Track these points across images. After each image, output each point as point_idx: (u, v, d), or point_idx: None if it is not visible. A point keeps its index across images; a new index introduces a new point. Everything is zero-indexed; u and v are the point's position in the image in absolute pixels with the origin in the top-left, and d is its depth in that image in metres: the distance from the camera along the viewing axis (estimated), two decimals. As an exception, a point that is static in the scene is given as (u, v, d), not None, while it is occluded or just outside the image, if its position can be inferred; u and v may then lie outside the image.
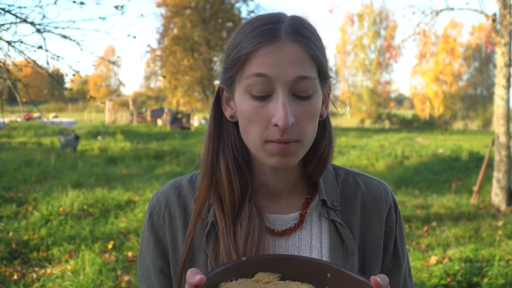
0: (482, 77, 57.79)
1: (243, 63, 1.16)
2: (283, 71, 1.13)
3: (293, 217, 1.31)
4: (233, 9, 39.75)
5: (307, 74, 1.14)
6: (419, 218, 9.42)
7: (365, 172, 1.69)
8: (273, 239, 1.28)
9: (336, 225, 1.29)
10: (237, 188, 1.24)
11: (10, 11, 6.01)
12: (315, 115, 1.19)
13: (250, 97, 1.16)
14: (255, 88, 1.15)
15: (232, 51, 1.20)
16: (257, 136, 1.17)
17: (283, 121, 1.10)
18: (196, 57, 39.48)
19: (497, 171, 10.69)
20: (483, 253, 6.91)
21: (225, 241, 1.22)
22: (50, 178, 13.08)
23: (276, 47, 1.13)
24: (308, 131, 1.18)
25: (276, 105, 1.13)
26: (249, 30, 1.18)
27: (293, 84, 1.13)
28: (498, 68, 10.66)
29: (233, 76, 1.20)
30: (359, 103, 61.67)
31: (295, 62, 1.13)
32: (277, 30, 1.15)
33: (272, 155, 1.17)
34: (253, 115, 1.16)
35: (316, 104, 1.19)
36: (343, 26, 59.18)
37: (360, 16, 52.34)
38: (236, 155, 1.27)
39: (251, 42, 1.15)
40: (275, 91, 1.14)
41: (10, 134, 26.51)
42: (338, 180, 1.39)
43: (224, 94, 1.28)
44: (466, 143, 25.35)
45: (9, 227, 7.77)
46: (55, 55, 6.72)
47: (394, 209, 1.41)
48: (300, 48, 1.14)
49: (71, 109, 73.80)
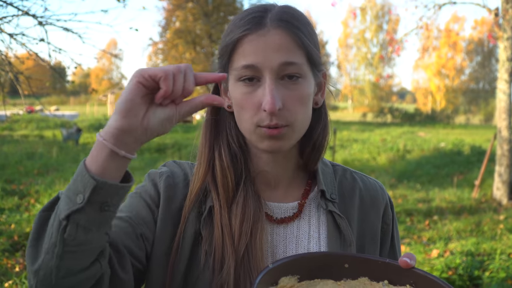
0: (484, 71, 57.69)
1: (231, 52, 1.20)
2: (268, 57, 1.16)
3: (292, 206, 1.33)
4: (235, 2, 39.60)
5: (292, 59, 1.17)
6: (421, 211, 9.42)
7: (367, 166, 1.71)
8: (271, 226, 1.30)
9: (334, 216, 1.31)
10: (230, 174, 1.27)
11: (12, 4, 6.01)
12: (305, 99, 1.21)
13: (241, 85, 1.20)
14: (244, 76, 1.18)
15: (223, 40, 1.24)
16: (248, 121, 1.20)
17: (269, 106, 1.14)
18: (198, 50, 39.38)
19: (499, 165, 10.69)
20: (485, 246, 6.92)
21: (219, 223, 1.24)
22: (52, 171, 13.09)
23: (260, 34, 1.17)
24: (298, 115, 1.20)
25: (264, 90, 1.16)
26: (238, 19, 1.22)
27: (280, 69, 1.16)
28: (500, 62, 10.64)
29: (225, 66, 1.24)
30: (361, 97, 61.61)
31: (280, 48, 1.16)
32: (262, 18, 1.19)
33: (263, 139, 1.20)
34: (244, 101, 1.20)
35: (305, 89, 1.21)
36: (346, 20, 59.04)
37: (362, 10, 52.19)
38: (231, 142, 1.30)
39: (238, 31, 1.19)
40: (262, 77, 1.17)
41: (12, 127, 26.54)
42: (336, 176, 1.41)
43: (222, 85, 1.32)
44: (468, 137, 25.31)
45: (11, 220, 7.78)
46: (57, 48, 6.73)
47: (390, 207, 1.44)
48: (285, 34, 1.17)
49: (73, 102, 73.79)
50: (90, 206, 0.93)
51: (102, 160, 0.94)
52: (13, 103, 9.11)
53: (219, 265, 1.20)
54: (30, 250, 1.00)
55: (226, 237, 1.22)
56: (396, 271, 1.04)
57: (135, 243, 1.21)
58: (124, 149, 0.95)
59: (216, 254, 1.21)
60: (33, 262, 0.98)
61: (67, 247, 0.95)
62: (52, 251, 0.95)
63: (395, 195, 10.85)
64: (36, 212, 8.10)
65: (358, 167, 15.83)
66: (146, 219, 1.26)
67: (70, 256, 0.96)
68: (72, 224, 0.94)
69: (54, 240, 0.95)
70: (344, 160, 16.87)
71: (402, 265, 1.03)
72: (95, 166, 0.94)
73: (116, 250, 1.13)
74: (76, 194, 0.93)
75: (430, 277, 1.01)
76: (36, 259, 0.98)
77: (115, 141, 0.94)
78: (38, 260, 0.97)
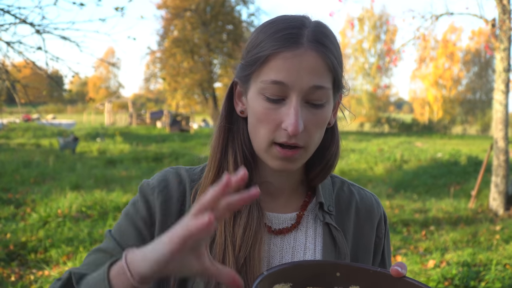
0: (481, 82, 57.84)
1: (261, 64, 1.17)
2: (300, 78, 1.14)
3: (290, 217, 1.34)
4: (234, 11, 39.66)
5: (323, 84, 1.16)
6: (418, 222, 9.42)
7: (365, 176, 1.72)
8: (269, 236, 1.30)
9: (331, 229, 1.32)
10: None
11: (9, 12, 6.01)
12: (325, 123, 1.22)
13: (264, 99, 1.17)
14: (270, 91, 1.16)
15: (253, 49, 1.21)
16: (265, 136, 1.19)
17: (293, 127, 1.12)
18: (196, 59, 39.38)
19: (495, 175, 10.70)
20: (481, 257, 6.91)
21: (223, 231, 1.23)
22: (49, 179, 13.07)
23: (296, 54, 1.14)
24: (315, 139, 1.21)
25: (289, 111, 1.14)
26: (272, 31, 1.18)
27: (308, 92, 1.15)
28: (497, 73, 10.67)
29: (249, 75, 1.21)
30: (358, 107, 61.67)
31: (313, 71, 1.14)
32: (299, 36, 1.16)
33: (275, 158, 1.20)
34: (264, 116, 1.18)
35: (327, 113, 1.21)
36: (344, 30, 59.17)
37: (360, 20, 52.46)
38: (244, 149, 1.28)
39: (272, 45, 1.16)
40: (289, 96, 1.15)
41: (8, 135, 26.48)
42: (334, 188, 1.42)
43: (238, 88, 1.30)
44: (465, 148, 25.36)
45: (7, 229, 7.76)
46: (54, 56, 6.74)
47: (384, 220, 1.45)
48: (320, 58, 1.15)
49: (70, 111, 73.78)
50: None
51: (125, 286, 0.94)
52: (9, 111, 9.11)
53: None
54: None
55: (228, 245, 1.21)
56: (387, 280, 1.05)
57: None
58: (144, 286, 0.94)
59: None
60: None
61: None
62: None
63: (392, 205, 10.84)
64: (32, 221, 8.10)
65: (355, 177, 15.83)
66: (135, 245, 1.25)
67: None
68: None
69: None
70: (341, 170, 16.87)
71: (393, 273, 1.04)
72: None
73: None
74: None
75: (421, 285, 1.02)
76: None
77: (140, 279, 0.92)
78: None
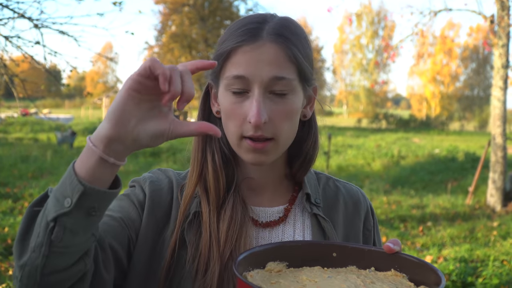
0: (479, 78, 57.86)
1: (224, 60, 1.21)
2: (259, 70, 1.17)
3: (277, 210, 1.35)
4: (232, 7, 39.64)
5: (283, 74, 1.18)
6: (415, 218, 9.44)
7: (362, 172, 1.73)
8: (257, 229, 1.32)
9: (319, 220, 1.34)
10: (222, 179, 1.28)
11: (8, 6, 6.00)
12: (292, 114, 1.23)
13: (230, 94, 1.21)
14: (233, 86, 1.19)
15: (218, 47, 1.25)
16: (234, 131, 1.22)
17: (255, 118, 1.15)
18: (194, 55, 39.36)
19: (492, 172, 10.72)
20: (478, 253, 6.93)
21: (207, 228, 1.24)
22: (47, 174, 13.07)
23: (255, 47, 1.18)
24: (283, 129, 1.22)
25: (251, 103, 1.17)
26: (234, 28, 1.23)
27: (269, 83, 1.17)
28: (495, 69, 10.69)
29: (217, 72, 1.25)
30: (356, 103, 61.66)
31: (273, 63, 1.17)
32: (259, 30, 1.20)
33: (247, 151, 1.22)
34: (231, 111, 1.21)
35: (292, 104, 1.22)
36: (342, 26, 59.15)
37: (358, 16, 52.36)
38: (223, 148, 1.30)
39: (233, 40, 1.20)
40: (251, 89, 1.18)
41: (6, 130, 26.46)
42: (319, 183, 1.44)
43: (213, 90, 1.33)
44: (462, 144, 25.37)
45: (5, 223, 7.76)
46: (52, 51, 6.72)
47: (371, 213, 1.47)
48: (279, 49, 1.18)
49: (68, 105, 73.63)
50: (77, 211, 0.94)
51: (91, 165, 0.94)
52: (7, 105, 9.09)
53: (204, 269, 1.21)
54: (17, 244, 1.01)
55: (213, 241, 1.23)
56: (382, 258, 1.08)
57: (122, 245, 1.22)
58: (113, 157, 0.94)
59: (201, 257, 1.22)
60: (20, 257, 0.99)
61: (53, 248, 0.95)
62: (38, 250, 0.96)
63: (389, 201, 10.86)
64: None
65: (352, 173, 15.85)
66: (136, 222, 1.27)
67: (56, 256, 0.97)
68: (59, 226, 0.94)
69: (41, 239, 0.95)
70: (339, 165, 16.88)
71: (386, 250, 1.07)
72: (84, 171, 0.94)
73: (102, 248, 1.13)
74: (64, 197, 0.94)
75: (414, 259, 1.05)
76: (22, 255, 0.98)
77: (105, 148, 0.93)
78: (25, 256, 0.98)
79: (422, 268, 1.02)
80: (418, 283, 1.02)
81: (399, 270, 1.06)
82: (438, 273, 0.97)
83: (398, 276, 1.05)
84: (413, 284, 1.02)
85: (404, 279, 1.04)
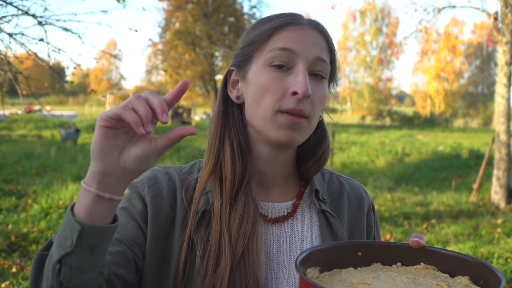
0: (483, 75, 57.79)
1: (268, 37, 1.22)
2: (306, 48, 1.21)
3: (286, 206, 1.34)
4: (235, 4, 39.60)
5: (325, 58, 1.23)
6: (419, 215, 9.42)
7: (366, 169, 1.74)
8: (265, 225, 1.30)
9: (327, 216, 1.33)
10: (239, 169, 1.25)
11: (11, 3, 6.00)
12: (324, 99, 1.26)
13: (270, 69, 1.21)
14: (277, 59, 1.20)
15: (253, 31, 1.26)
16: (270, 105, 1.20)
17: (303, 89, 1.16)
18: (198, 51, 39.35)
19: (497, 169, 10.70)
20: (482, 250, 6.92)
21: (218, 220, 1.22)
22: (50, 171, 13.08)
23: (302, 27, 1.23)
24: (316, 112, 1.23)
25: (297, 76, 1.18)
26: (273, 16, 1.27)
27: (313, 63, 1.21)
28: (499, 66, 10.65)
29: (251, 52, 1.25)
30: (360, 100, 61.65)
31: (317, 45, 1.23)
32: (301, 17, 1.26)
33: (280, 127, 1.20)
34: (270, 85, 1.20)
35: (326, 89, 1.26)
36: (345, 23, 59.15)
37: (362, 13, 52.28)
38: (240, 137, 1.28)
39: (276, 22, 1.23)
40: (296, 65, 1.20)
41: (10, 127, 26.51)
42: (324, 179, 1.44)
43: (232, 77, 1.32)
44: (467, 141, 25.33)
45: (9, 220, 7.77)
46: (56, 48, 6.72)
47: (372, 209, 1.48)
48: (321, 36, 1.25)
49: (72, 102, 73.79)
50: (79, 249, 0.96)
51: (88, 204, 0.96)
52: (11, 102, 9.11)
53: (214, 263, 1.19)
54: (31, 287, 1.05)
55: (224, 234, 1.21)
56: (407, 252, 1.07)
57: (128, 268, 1.20)
58: (108, 192, 0.97)
59: (211, 252, 1.20)
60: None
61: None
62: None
63: (393, 198, 10.85)
64: (34, 213, 8.11)
65: (356, 170, 15.84)
66: (137, 239, 1.24)
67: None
68: (66, 267, 0.97)
69: (51, 282, 0.98)
70: (343, 162, 16.87)
71: (414, 245, 1.05)
72: (83, 211, 0.96)
73: (109, 282, 1.12)
74: (65, 238, 0.96)
75: (442, 251, 1.04)
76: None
77: (98, 186, 0.96)
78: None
79: (451, 259, 1.02)
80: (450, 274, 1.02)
81: (427, 263, 1.06)
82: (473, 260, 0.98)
83: (429, 268, 1.05)
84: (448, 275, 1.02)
85: (436, 271, 1.04)
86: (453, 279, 1.00)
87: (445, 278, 1.01)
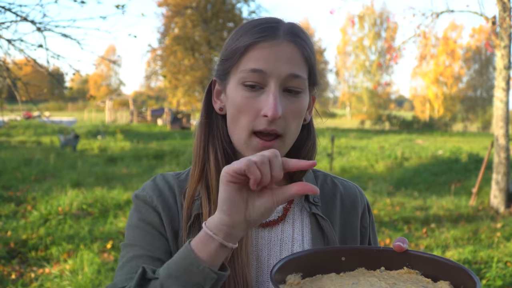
0: (482, 79, 57.88)
1: (240, 56, 1.22)
2: (278, 67, 1.19)
3: (276, 210, 1.35)
4: (234, 9, 39.69)
5: (299, 73, 1.21)
6: (418, 219, 9.42)
7: (365, 173, 1.73)
8: (256, 229, 1.32)
9: (318, 219, 1.34)
10: None
11: (10, 9, 6.01)
12: (301, 114, 1.25)
13: (243, 88, 1.21)
14: (249, 80, 1.20)
15: (232, 44, 1.26)
16: (245, 126, 1.22)
17: (272, 111, 1.16)
18: (197, 57, 39.42)
19: (496, 173, 10.70)
20: (482, 254, 6.91)
21: None
22: (49, 177, 13.07)
23: (274, 44, 1.20)
24: (292, 127, 1.24)
25: (268, 97, 1.19)
26: (250, 27, 1.24)
27: (286, 80, 1.20)
28: (497, 70, 10.66)
29: (228, 68, 1.26)
30: (359, 105, 61.70)
31: (290, 60, 1.20)
32: (276, 29, 1.22)
33: (254, 150, 1.21)
34: (244, 105, 1.21)
35: (303, 103, 1.25)
36: (344, 27, 59.23)
37: (361, 18, 52.45)
38: (225, 145, 1.30)
39: (250, 37, 1.21)
40: (267, 84, 1.20)
41: (9, 133, 26.49)
42: (317, 181, 1.45)
43: (216, 87, 1.33)
44: (466, 145, 25.35)
45: (8, 226, 7.76)
46: (55, 54, 6.73)
47: (367, 210, 1.48)
48: (296, 48, 1.22)
49: (71, 108, 73.77)
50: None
51: (213, 251, 1.02)
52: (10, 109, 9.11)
53: None
54: None
55: None
56: (391, 257, 1.08)
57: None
58: (231, 242, 1.03)
59: None
60: None
61: None
62: None
63: (393, 203, 10.84)
64: (33, 219, 8.10)
65: (356, 174, 15.84)
66: (168, 249, 1.28)
67: None
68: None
69: None
70: (342, 167, 16.87)
71: (396, 249, 1.07)
72: (210, 258, 1.02)
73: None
74: (194, 285, 1.02)
75: (425, 255, 1.05)
76: None
77: (225, 236, 1.01)
78: None
79: (434, 263, 1.03)
80: (433, 278, 1.03)
81: (410, 267, 1.07)
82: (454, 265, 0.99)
83: (412, 273, 1.06)
84: (430, 279, 1.03)
85: (419, 276, 1.05)
86: (434, 284, 1.01)
87: (427, 283, 1.02)
